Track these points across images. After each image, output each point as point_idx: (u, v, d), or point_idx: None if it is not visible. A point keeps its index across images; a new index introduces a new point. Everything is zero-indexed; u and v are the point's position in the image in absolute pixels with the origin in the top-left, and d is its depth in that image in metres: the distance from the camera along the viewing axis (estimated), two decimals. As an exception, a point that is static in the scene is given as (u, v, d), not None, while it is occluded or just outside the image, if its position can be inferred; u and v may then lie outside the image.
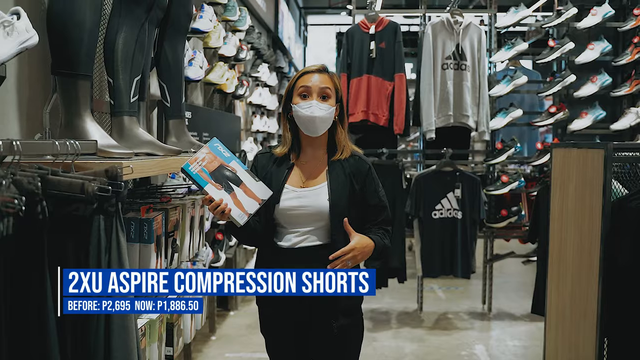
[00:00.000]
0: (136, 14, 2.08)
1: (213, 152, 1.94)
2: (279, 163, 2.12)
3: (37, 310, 1.23)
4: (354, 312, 2.12)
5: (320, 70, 2.11)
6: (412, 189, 4.72)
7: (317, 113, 2.05)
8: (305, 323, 2.09)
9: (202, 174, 1.90)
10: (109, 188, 1.44)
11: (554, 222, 3.17)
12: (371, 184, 2.12)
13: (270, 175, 2.10)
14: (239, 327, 4.63)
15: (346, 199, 2.06)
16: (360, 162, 2.13)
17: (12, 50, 1.51)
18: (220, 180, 1.92)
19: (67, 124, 1.88)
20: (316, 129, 2.07)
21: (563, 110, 4.97)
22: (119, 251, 1.49)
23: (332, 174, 2.09)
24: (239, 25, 4.53)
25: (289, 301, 2.06)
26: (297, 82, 2.10)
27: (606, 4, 4.90)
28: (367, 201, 2.11)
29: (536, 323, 4.64)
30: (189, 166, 1.90)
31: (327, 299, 2.03)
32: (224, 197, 1.91)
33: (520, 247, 5.81)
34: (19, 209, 1.10)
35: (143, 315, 2.10)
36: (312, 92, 2.07)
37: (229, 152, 1.97)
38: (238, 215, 1.92)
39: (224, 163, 1.94)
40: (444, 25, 4.71)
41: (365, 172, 2.11)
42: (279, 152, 2.13)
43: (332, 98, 2.10)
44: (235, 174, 1.95)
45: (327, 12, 12.97)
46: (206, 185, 1.90)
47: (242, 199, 1.93)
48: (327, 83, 2.10)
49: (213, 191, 1.90)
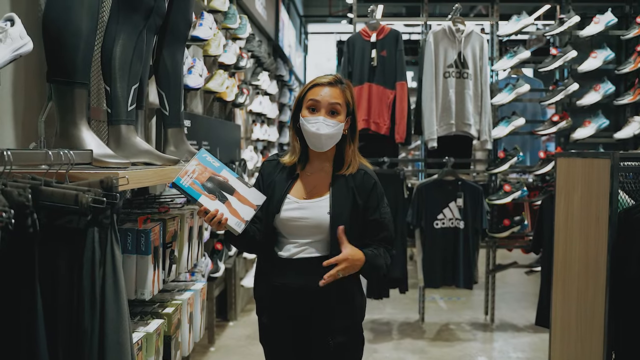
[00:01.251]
0: (134, 21, 2.04)
1: (202, 163, 1.93)
2: (284, 172, 2.11)
3: (26, 327, 1.18)
4: (352, 330, 2.09)
5: (331, 83, 2.05)
6: (414, 198, 4.68)
7: (323, 130, 2.01)
8: (303, 336, 2.08)
9: (195, 186, 1.89)
10: (104, 199, 1.40)
11: (559, 232, 3.12)
12: (374, 200, 2.07)
13: (274, 184, 2.09)
14: (238, 338, 4.57)
15: (348, 213, 2.03)
16: (367, 177, 2.08)
17: (6, 57, 1.47)
18: (213, 190, 1.91)
19: (62, 133, 1.84)
20: (322, 145, 2.04)
21: (566, 119, 4.93)
22: (113, 264, 1.44)
23: (336, 188, 2.06)
24: (239, 33, 4.50)
25: (288, 313, 2.08)
26: (307, 94, 2.05)
27: (609, 12, 4.88)
28: (367, 216, 2.06)
29: (539, 334, 4.58)
30: (180, 180, 1.88)
31: (325, 316, 2.01)
32: (219, 207, 1.89)
33: (523, 257, 5.76)
34: (7, 222, 1.05)
35: (139, 329, 2.05)
36: (321, 107, 2.02)
37: (218, 162, 1.96)
38: (235, 224, 1.91)
39: (215, 173, 1.93)
40: (446, 33, 4.68)
41: (369, 187, 2.07)
42: (288, 161, 2.11)
43: (342, 114, 2.05)
44: (227, 182, 1.94)
45: (327, 20, 12.97)
46: (200, 197, 1.88)
47: (237, 206, 1.92)
48: (337, 98, 2.04)
49: (207, 202, 1.89)
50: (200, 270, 3.29)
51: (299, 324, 2.07)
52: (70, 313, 1.38)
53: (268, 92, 5.97)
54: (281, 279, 2.05)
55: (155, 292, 2.13)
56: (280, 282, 2.06)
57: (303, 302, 2.04)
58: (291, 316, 2.07)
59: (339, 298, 2.03)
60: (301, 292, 2.03)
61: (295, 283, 2.03)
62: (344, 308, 2.05)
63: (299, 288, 2.03)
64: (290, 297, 2.05)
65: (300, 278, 2.02)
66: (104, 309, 1.43)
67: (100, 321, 1.42)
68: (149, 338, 2.08)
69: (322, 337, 2.04)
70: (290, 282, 2.04)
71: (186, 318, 2.46)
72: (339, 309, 2.04)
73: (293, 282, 2.03)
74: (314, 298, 2.02)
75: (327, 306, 2.03)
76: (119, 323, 1.44)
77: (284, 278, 2.05)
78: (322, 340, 2.04)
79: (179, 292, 2.54)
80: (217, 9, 3.88)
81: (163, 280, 2.24)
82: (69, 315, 1.38)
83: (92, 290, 1.41)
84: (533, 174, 5.09)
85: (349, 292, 2.06)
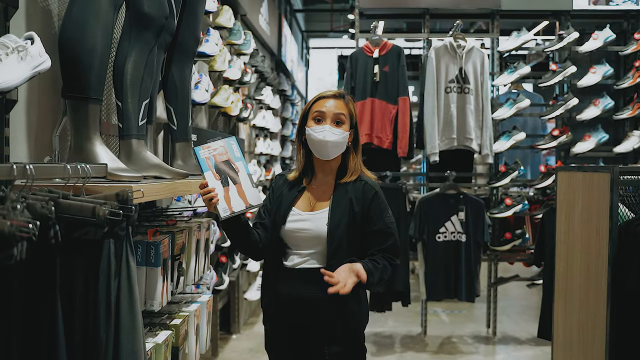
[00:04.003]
0: (146, 38, 2.10)
1: (227, 147, 2.07)
2: (291, 186, 2.19)
3: (47, 335, 1.21)
4: (351, 340, 2.12)
5: (335, 96, 2.14)
6: (416, 212, 4.71)
7: (329, 137, 2.08)
8: (303, 345, 2.12)
9: (208, 161, 2.03)
10: (120, 212, 1.44)
11: (560, 245, 3.16)
12: (376, 210, 2.11)
13: (282, 197, 2.17)
14: (241, 351, 4.59)
15: (345, 225, 2.07)
16: (367, 187, 2.13)
17: (26, 74, 1.52)
18: (221, 172, 2.04)
19: (76, 147, 1.89)
20: (328, 152, 2.11)
21: (566, 133, 4.98)
22: (128, 275, 1.48)
23: (335, 200, 2.12)
24: (244, 48, 4.57)
25: (289, 321, 2.13)
26: (312, 107, 2.14)
27: (607, 29, 4.95)
28: (370, 227, 2.10)
29: (541, 347, 4.60)
30: (200, 149, 2.03)
31: (323, 326, 2.05)
32: (217, 188, 2.02)
33: (524, 270, 5.78)
34: (33, 233, 1.10)
35: (148, 340, 2.08)
36: (327, 117, 2.11)
37: (240, 154, 2.09)
38: (222, 209, 2.02)
39: (232, 160, 2.07)
40: (447, 49, 4.74)
41: (369, 198, 2.11)
42: (291, 177, 2.20)
43: (346, 124, 2.13)
44: (237, 173, 2.06)
45: (328, 35, 13.08)
46: (206, 172, 2.02)
47: (233, 196, 2.03)
48: (341, 109, 2.13)
49: (210, 179, 2.02)
50: (206, 283, 3.32)
51: (299, 333, 2.12)
52: (86, 322, 1.42)
53: (271, 107, 6.03)
54: (284, 288, 2.12)
55: (164, 303, 2.17)
56: (283, 291, 2.13)
57: (303, 311, 2.09)
58: (292, 325, 2.12)
59: (338, 308, 2.07)
60: (301, 302, 2.08)
61: (296, 292, 2.09)
62: (342, 318, 2.09)
63: (299, 297, 2.09)
64: (291, 305, 2.11)
65: (300, 287, 2.09)
66: (118, 318, 1.47)
67: (115, 330, 1.46)
68: (157, 349, 2.11)
69: (319, 347, 2.08)
70: (291, 291, 2.10)
71: (193, 330, 2.49)
72: (338, 319, 2.08)
73: (294, 291, 2.10)
74: (313, 307, 2.07)
75: (326, 316, 2.07)
76: (134, 332, 1.48)
77: (286, 287, 2.12)
78: (320, 350, 2.08)
79: (186, 304, 2.58)
80: (222, 25, 3.95)
81: (171, 292, 2.28)
82: (85, 324, 1.42)
83: (107, 301, 1.44)
84: (534, 187, 5.14)
85: (348, 302, 2.08)
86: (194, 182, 2.24)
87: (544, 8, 5.22)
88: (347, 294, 1.95)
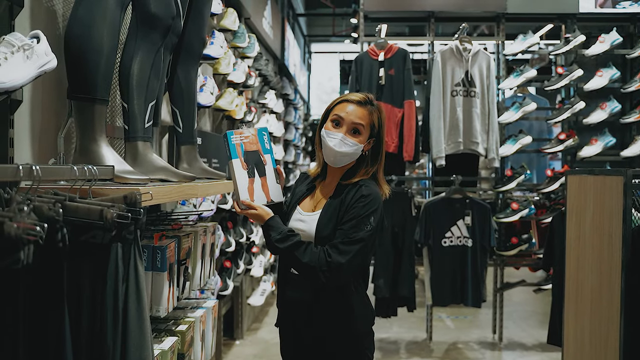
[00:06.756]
0: (152, 38, 2.06)
1: (258, 137, 2.05)
2: (305, 184, 2.17)
3: (55, 343, 1.17)
4: (350, 343, 2.07)
5: (360, 102, 2.03)
6: (422, 216, 4.67)
7: (338, 148, 2.01)
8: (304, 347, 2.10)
9: (238, 148, 2.01)
10: (128, 215, 1.40)
11: (570, 249, 3.11)
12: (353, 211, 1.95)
13: (294, 194, 2.17)
14: (245, 357, 4.54)
15: (332, 229, 1.99)
16: (359, 190, 2.00)
17: (32, 74, 1.48)
18: (249, 162, 2.02)
19: (82, 149, 1.85)
20: (335, 161, 2.06)
21: (573, 137, 4.94)
22: (136, 280, 1.44)
23: (329, 202, 2.06)
24: (248, 52, 4.54)
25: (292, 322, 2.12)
26: (334, 108, 2.06)
27: (614, 32, 4.91)
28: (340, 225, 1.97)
29: (548, 353, 4.55)
30: (232, 134, 2.00)
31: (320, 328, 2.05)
32: (243, 178, 2.00)
33: (530, 275, 5.73)
34: (40, 236, 1.06)
35: (154, 346, 2.04)
36: (344, 124, 2.02)
37: (269, 145, 2.07)
38: (244, 199, 2.00)
39: (261, 151, 2.05)
40: (453, 52, 4.71)
41: (356, 199, 1.97)
42: (312, 172, 2.17)
43: (364, 134, 2.02)
44: (264, 165, 2.04)
45: (330, 39, 13.07)
46: (235, 159, 2.00)
47: (257, 188, 2.02)
48: (362, 118, 2.01)
49: (238, 167, 2.00)
50: (211, 288, 3.28)
51: (300, 335, 2.10)
52: (93, 328, 1.38)
53: (274, 111, 5.99)
54: (287, 289, 2.12)
55: (170, 309, 2.13)
56: (286, 292, 2.12)
57: (301, 313, 2.07)
58: (294, 326, 2.11)
59: (336, 311, 2.03)
60: (299, 303, 2.07)
61: (295, 293, 2.08)
62: (340, 321, 2.04)
63: (298, 298, 2.07)
64: (292, 307, 2.10)
65: (298, 289, 2.07)
66: (126, 324, 1.42)
67: (123, 337, 1.42)
68: (163, 355, 2.07)
69: (318, 349, 2.06)
70: (291, 292, 2.10)
71: (199, 336, 2.45)
72: (336, 322, 2.04)
73: (293, 293, 2.09)
74: (310, 309, 2.05)
75: (324, 318, 2.04)
76: (142, 339, 1.44)
77: (287, 288, 2.11)
78: (320, 350, 2.06)
79: (191, 309, 2.53)
80: (227, 27, 3.91)
81: (177, 298, 2.24)
82: (92, 330, 1.38)
83: (115, 306, 1.40)
84: (540, 192, 5.09)
85: (347, 305, 2.04)
86: (200, 186, 2.20)
87: (550, 11, 5.20)
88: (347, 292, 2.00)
